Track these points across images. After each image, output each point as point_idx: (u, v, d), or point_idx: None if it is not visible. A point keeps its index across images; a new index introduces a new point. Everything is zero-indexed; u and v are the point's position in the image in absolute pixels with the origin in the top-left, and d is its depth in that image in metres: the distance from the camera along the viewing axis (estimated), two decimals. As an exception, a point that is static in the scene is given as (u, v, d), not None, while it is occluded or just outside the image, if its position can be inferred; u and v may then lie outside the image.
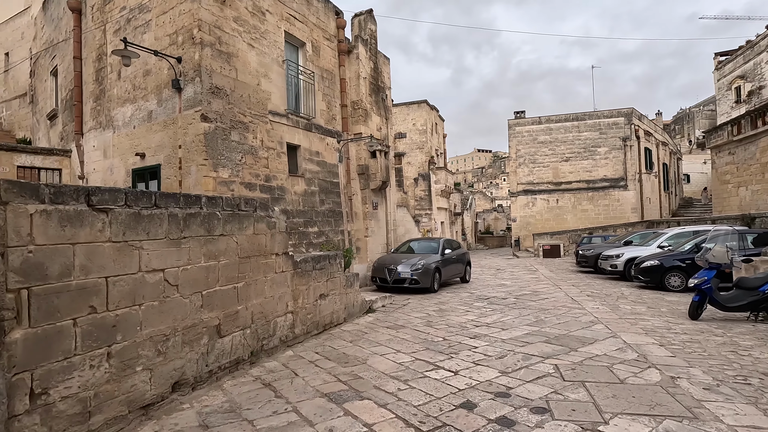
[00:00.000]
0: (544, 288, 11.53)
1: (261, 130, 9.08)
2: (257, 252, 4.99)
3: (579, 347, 5.58)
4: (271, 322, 5.26)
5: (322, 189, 10.88)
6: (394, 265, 10.89)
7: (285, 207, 9.50)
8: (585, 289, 11.12)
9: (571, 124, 28.64)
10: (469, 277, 13.49)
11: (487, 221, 55.47)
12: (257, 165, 8.89)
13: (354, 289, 7.67)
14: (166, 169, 8.39)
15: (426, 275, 10.78)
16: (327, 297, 6.70)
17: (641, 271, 11.06)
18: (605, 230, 24.39)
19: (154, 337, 3.58)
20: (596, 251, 15.35)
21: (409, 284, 10.70)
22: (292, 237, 9.50)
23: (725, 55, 36.55)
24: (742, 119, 20.30)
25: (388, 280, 10.87)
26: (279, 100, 9.68)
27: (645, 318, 7.38)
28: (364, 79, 12.59)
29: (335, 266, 6.98)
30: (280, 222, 5.44)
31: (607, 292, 10.56)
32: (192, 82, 7.94)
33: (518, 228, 29.82)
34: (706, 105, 76.46)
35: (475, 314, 8.10)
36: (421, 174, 23.24)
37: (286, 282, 5.61)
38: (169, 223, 3.77)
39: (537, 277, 14.21)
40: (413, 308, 8.87)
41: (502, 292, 11.00)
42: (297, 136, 10.19)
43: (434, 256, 11.51)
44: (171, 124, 8.30)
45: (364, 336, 6.48)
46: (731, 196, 21.65)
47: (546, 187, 29.14)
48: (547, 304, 8.95)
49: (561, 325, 6.96)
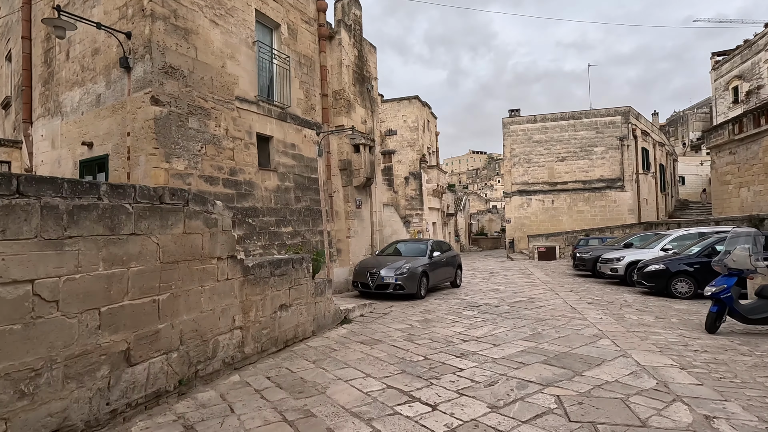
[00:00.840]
0: (541, 294, 10.63)
1: (226, 118, 8.10)
2: (190, 255, 4.02)
3: (584, 370, 4.66)
4: (210, 342, 4.29)
5: (299, 185, 9.90)
6: (377, 269, 9.93)
7: (253, 204, 8.52)
8: (584, 296, 10.24)
9: (567, 122, 27.89)
10: (460, 282, 12.57)
11: (482, 222, 54.74)
12: (220, 156, 7.90)
13: (325, 298, 6.71)
14: (114, 159, 7.38)
15: (412, 280, 9.83)
16: (290, 308, 5.74)
17: (645, 275, 10.20)
18: (602, 232, 23.60)
19: (12, 374, 2.61)
20: (595, 254, 14.51)
21: (393, 290, 9.75)
22: (260, 238, 8.53)
23: (722, 55, 36.03)
24: (743, 117, 19.59)
25: (370, 285, 9.91)
26: (248, 86, 8.71)
27: (655, 331, 6.49)
28: (347, 68, 11.64)
29: (301, 271, 6.02)
30: (224, 219, 4.47)
31: (609, 299, 9.68)
32: (142, 60, 6.95)
33: (512, 229, 29.00)
34: (700, 107, 76.77)
35: (463, 325, 7.17)
36: (412, 173, 22.30)
37: (233, 291, 4.64)
38: (43, 217, 2.80)
39: (532, 282, 13.33)
40: (395, 318, 7.92)
41: (495, 298, 10.08)
42: (269, 126, 9.22)
43: (422, 259, 10.58)
44: (119, 109, 7.29)
45: (332, 354, 5.52)
46: (732, 197, 20.94)
47: (541, 188, 28.35)
48: (545, 313, 8.04)
49: (561, 340, 6.04)
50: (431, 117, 25.97)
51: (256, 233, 8.43)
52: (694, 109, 76.05)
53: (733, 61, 33.61)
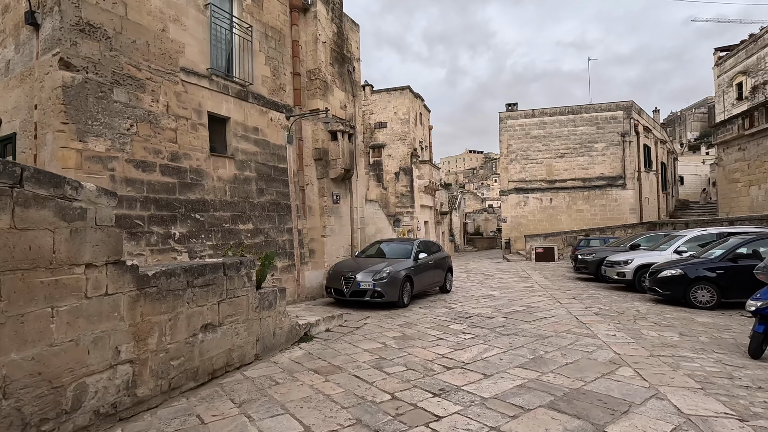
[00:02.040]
0: (540, 302, 9.35)
1: (167, 92, 6.74)
2: (27, 262, 2.69)
3: (607, 423, 3.36)
4: (69, 387, 2.96)
5: (262, 175, 8.56)
6: (353, 273, 8.60)
7: (202, 196, 7.17)
8: (590, 304, 8.97)
9: (567, 117, 26.66)
10: (450, 286, 11.27)
11: (477, 222, 53.62)
12: (158, 138, 6.55)
13: (276, 312, 5.38)
14: (22, 139, 6.01)
15: (392, 286, 8.51)
16: (219, 327, 4.41)
17: (659, 281, 8.94)
18: (602, 232, 22.40)
19: None
20: (599, 256, 13.25)
21: (371, 297, 8.43)
22: (211, 236, 7.18)
23: (726, 51, 34.94)
24: (755, 111, 18.41)
25: (344, 292, 8.59)
26: (198, 56, 7.35)
27: (686, 355, 5.21)
28: (323, 44, 10.30)
29: (237, 280, 4.68)
30: (99, 210, 3.13)
31: (619, 309, 8.41)
32: (51, 13, 5.58)
33: (509, 229, 27.76)
34: (698, 108, 76.39)
35: (449, 344, 5.86)
36: (402, 168, 20.97)
37: (117, 312, 3.30)
38: None
39: (530, 286, 12.06)
40: (368, 333, 6.61)
41: (489, 307, 8.79)
42: (225, 106, 7.87)
43: (405, 262, 9.26)
44: (28, 77, 5.92)
45: (271, 390, 4.19)
46: (740, 196, 19.77)
47: (539, 185, 27.12)
48: (546, 328, 6.76)
49: (570, 368, 4.74)
50: (424, 110, 24.64)
51: (204, 231, 7.09)
52: (692, 109, 75.57)
53: (737, 56, 32.50)
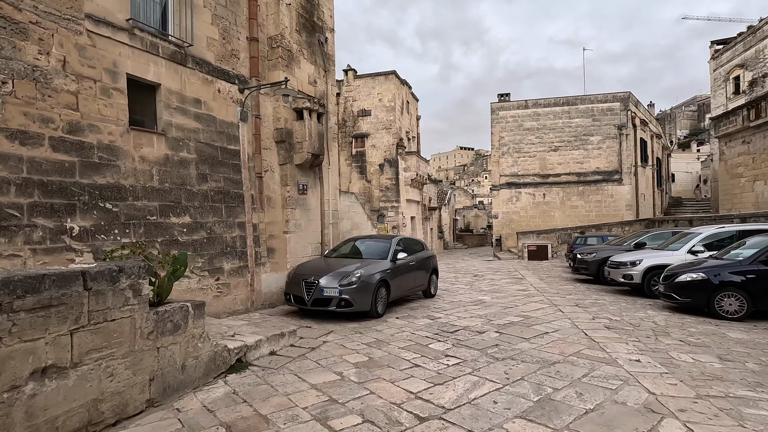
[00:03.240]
0: (538, 309, 7.98)
1: (64, 44, 5.17)
2: None
3: None
4: None
5: (206, 158, 7.02)
6: (316, 277, 7.11)
7: (117, 180, 5.61)
8: (596, 313, 7.63)
9: (561, 109, 25.40)
10: (435, 290, 9.86)
11: (467, 218, 52.52)
12: (48, 102, 4.98)
13: (187, 336, 3.89)
14: None
15: (364, 292, 7.05)
16: (74, 370, 2.92)
17: (676, 287, 7.65)
18: (598, 229, 21.23)
19: None
20: (600, 255, 11.97)
21: (336, 307, 6.95)
22: (129, 231, 5.64)
23: (722, 44, 34.01)
24: (762, 101, 17.30)
25: (305, 300, 7.11)
26: (113, 2, 5.78)
27: (741, 393, 3.85)
28: (288, 6, 8.75)
29: (114, 296, 3.19)
30: None
31: (632, 319, 7.08)
32: None
33: (500, 226, 26.48)
34: (688, 105, 77.02)
35: (426, 375, 4.44)
36: (387, 159, 19.48)
37: None
38: None
39: (525, 289, 10.72)
40: (323, 357, 5.15)
41: (479, 317, 7.39)
42: (155, 69, 6.30)
43: (381, 263, 7.81)
44: None
45: (142, 470, 2.72)
46: (744, 192, 18.71)
47: (532, 180, 25.86)
48: (550, 348, 5.37)
49: (594, 421, 3.34)
50: (411, 98, 23.14)
51: (119, 225, 5.54)
52: (682, 107, 75.95)
53: (734, 49, 31.55)
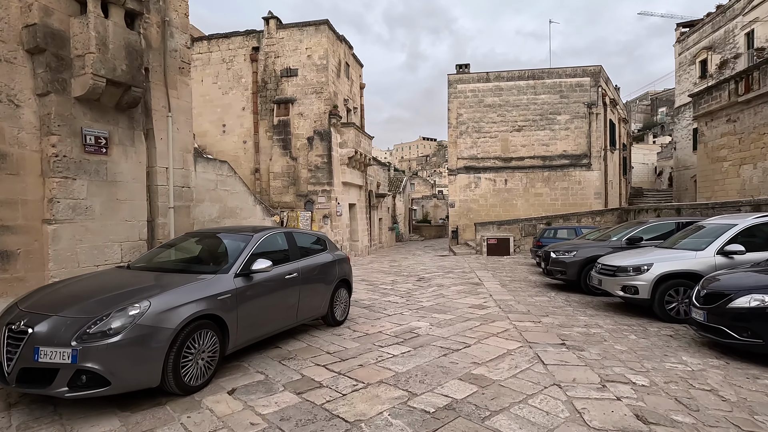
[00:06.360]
0: (502, 355, 4.53)
1: None
2: None
3: None
4: None
5: None
6: (35, 319, 3.28)
7: None
8: (602, 362, 4.27)
9: (526, 83, 22.43)
10: (342, 314, 6.26)
11: (426, 208, 49.59)
12: None
13: None
14: None
15: (141, 352, 3.27)
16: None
17: (730, 316, 4.47)
18: (566, 219, 18.49)
19: None
20: (581, 255, 8.83)
21: (69, 387, 3.12)
22: None
23: (689, 26, 32.42)
24: (754, 71, 14.91)
25: (3, 371, 3.26)
26: None
27: None
28: None
29: None
30: None
31: (669, 380, 3.76)
32: None
33: (457, 215, 23.37)
34: (642, 100, 79.29)
35: None
36: (317, 132, 15.58)
37: None
38: None
39: (482, 305, 7.35)
40: None
41: (391, 386, 3.83)
42: None
43: (208, 282, 4.07)
44: None
45: None
46: (728, 178, 16.42)
47: (493, 164, 22.84)
48: None
49: None
50: (353, 61, 19.24)
51: None
52: (636, 101, 77.48)
53: (702, 30, 29.92)
